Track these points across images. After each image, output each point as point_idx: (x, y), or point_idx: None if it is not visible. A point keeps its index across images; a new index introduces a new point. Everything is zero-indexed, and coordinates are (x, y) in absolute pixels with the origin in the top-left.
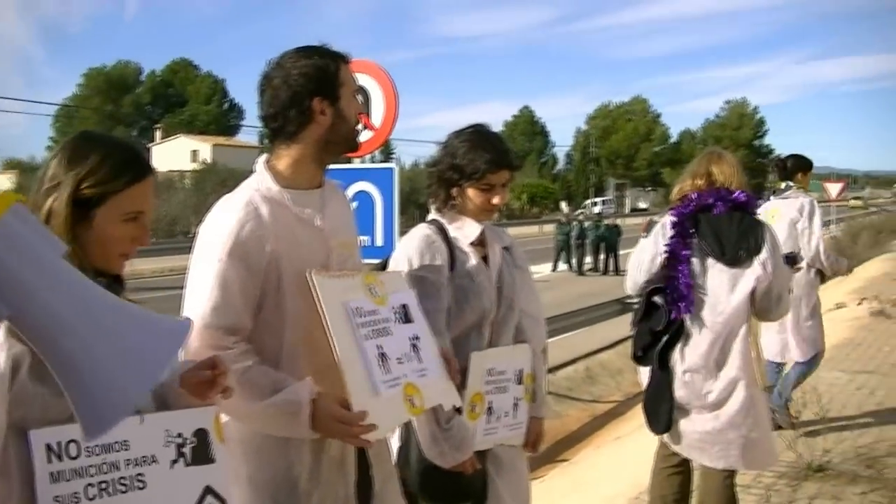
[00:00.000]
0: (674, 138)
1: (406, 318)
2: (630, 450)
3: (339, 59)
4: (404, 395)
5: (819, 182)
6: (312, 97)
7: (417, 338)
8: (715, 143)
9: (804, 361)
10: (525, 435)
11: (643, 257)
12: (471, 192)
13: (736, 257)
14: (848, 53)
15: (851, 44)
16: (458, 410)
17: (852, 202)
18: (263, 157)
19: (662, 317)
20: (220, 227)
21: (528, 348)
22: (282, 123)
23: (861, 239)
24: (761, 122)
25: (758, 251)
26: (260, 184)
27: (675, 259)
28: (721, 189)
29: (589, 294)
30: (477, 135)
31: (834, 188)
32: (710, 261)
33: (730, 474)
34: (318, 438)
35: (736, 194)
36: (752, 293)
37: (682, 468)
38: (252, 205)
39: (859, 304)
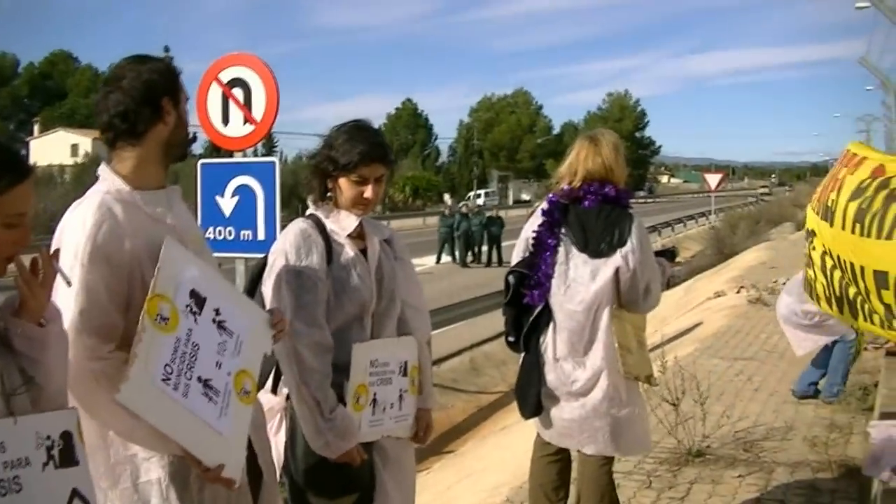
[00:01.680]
0: (556, 130)
1: (199, 301)
2: (515, 439)
3: (176, 67)
4: (238, 395)
5: (699, 173)
6: (163, 96)
7: (218, 310)
8: None
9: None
10: (413, 426)
11: (521, 238)
12: (344, 183)
13: (598, 250)
14: (726, 47)
15: (729, 38)
16: (343, 402)
17: (761, 189)
18: (103, 164)
19: (509, 295)
20: (77, 231)
21: (412, 340)
22: (132, 122)
23: (739, 229)
24: (642, 115)
25: (622, 244)
26: (110, 187)
27: (540, 246)
28: (594, 183)
29: (473, 286)
30: (355, 128)
31: (713, 179)
32: (574, 251)
33: (607, 461)
34: None
35: (608, 189)
36: (617, 285)
37: (561, 456)
38: (105, 206)
39: (738, 292)
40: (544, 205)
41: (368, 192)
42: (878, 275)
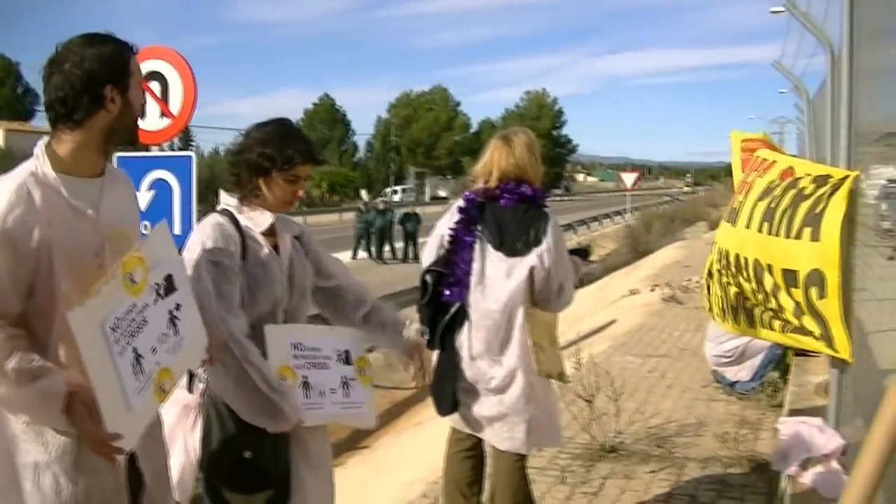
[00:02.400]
0: (474, 128)
1: (169, 288)
2: (430, 435)
3: (129, 49)
4: (155, 388)
5: (615, 172)
6: (105, 84)
7: (179, 307)
8: None
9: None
10: (410, 360)
11: (435, 234)
12: (279, 182)
13: (514, 248)
14: (643, 48)
15: (647, 39)
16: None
17: (686, 188)
18: (44, 139)
19: (427, 295)
20: None
21: (352, 332)
22: (70, 108)
23: (654, 227)
24: (560, 113)
25: (537, 243)
26: (37, 168)
27: (457, 244)
28: (510, 182)
29: (389, 282)
30: (286, 127)
31: (629, 178)
32: (490, 249)
33: (520, 457)
34: None
35: (524, 188)
36: (532, 283)
37: (475, 451)
38: (24, 189)
39: (652, 290)
40: (461, 202)
41: (300, 190)
42: (787, 273)
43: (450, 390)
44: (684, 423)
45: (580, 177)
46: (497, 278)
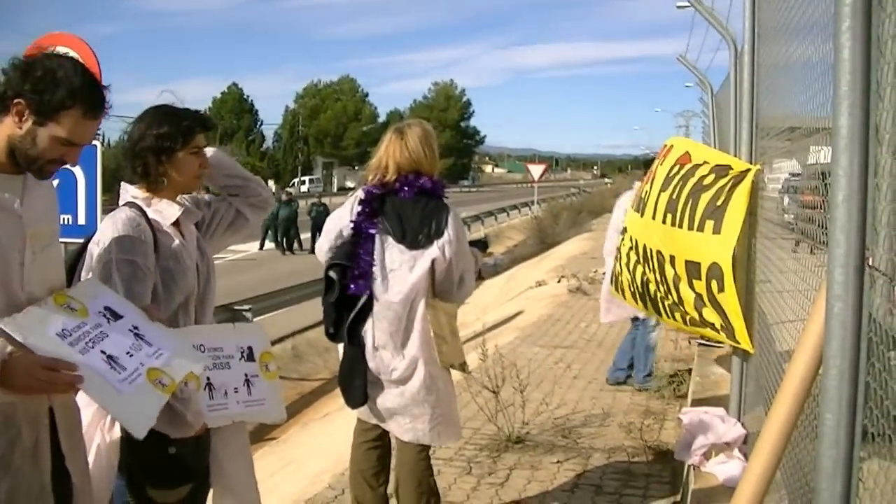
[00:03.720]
0: (382, 118)
1: (115, 316)
2: (337, 426)
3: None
4: (150, 381)
5: (522, 163)
6: (17, 97)
7: (136, 327)
8: None
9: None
10: (282, 413)
11: (331, 226)
12: (183, 157)
13: (416, 241)
14: (552, 41)
15: (556, 32)
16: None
17: (607, 181)
18: None
19: (335, 292)
20: None
21: (256, 327)
22: None
23: (561, 219)
24: (468, 104)
25: (439, 235)
26: None
27: (359, 236)
28: (409, 175)
29: (295, 272)
30: (167, 106)
31: (536, 170)
32: (392, 242)
33: (424, 448)
34: (10, 430)
35: (423, 181)
36: (433, 275)
37: (381, 442)
38: None
39: (559, 281)
40: (361, 195)
41: (204, 161)
42: (690, 265)
43: (359, 383)
44: (590, 413)
45: (488, 168)
46: (399, 270)
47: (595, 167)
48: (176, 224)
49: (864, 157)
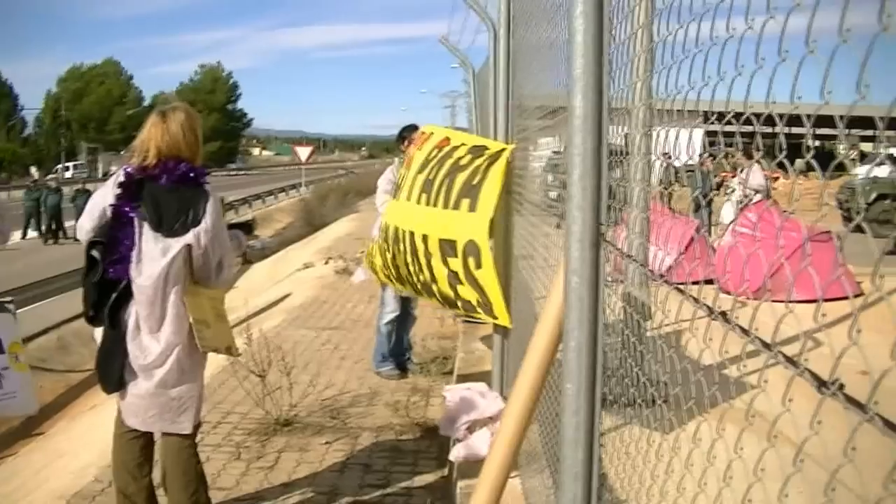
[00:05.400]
0: (148, 101)
1: None
2: (106, 418)
3: None
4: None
5: (290, 146)
6: None
7: None
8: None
9: None
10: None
11: (93, 205)
12: None
13: (172, 229)
14: (321, 22)
15: (325, 13)
16: None
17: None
18: None
19: (98, 272)
20: None
21: (7, 318)
22: None
23: (329, 201)
24: (235, 87)
25: (196, 223)
26: None
27: (119, 219)
28: (169, 160)
29: (61, 261)
30: None
31: (304, 152)
32: (148, 228)
33: (188, 436)
34: None
35: (182, 167)
36: (191, 261)
37: (141, 432)
38: None
39: (326, 263)
40: (121, 177)
41: None
42: (444, 243)
43: (117, 367)
44: (358, 393)
45: (256, 151)
46: (153, 256)
47: (363, 148)
48: None
49: (597, 137)
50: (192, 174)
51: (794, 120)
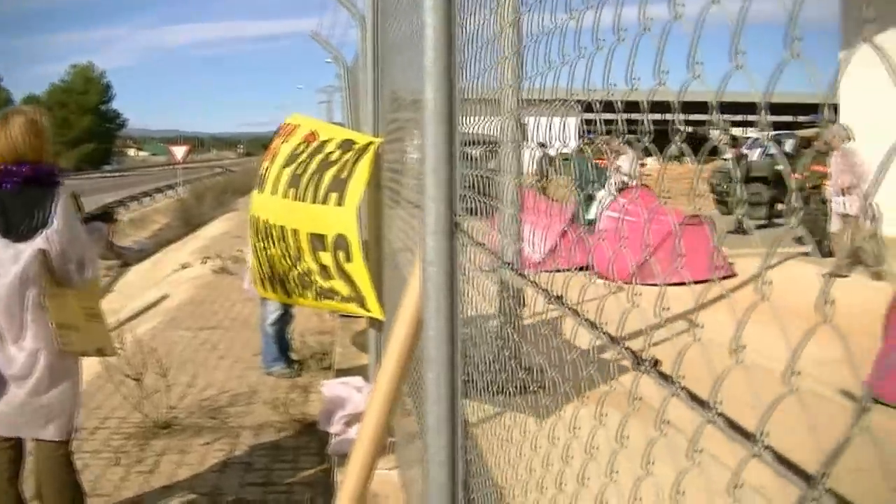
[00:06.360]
0: (17, 104)
1: None
2: None
3: None
4: None
5: (166, 146)
6: None
7: None
8: (60, 109)
9: None
10: None
11: None
12: None
13: (20, 233)
14: (196, 19)
15: (199, 10)
16: None
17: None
18: None
19: None
20: None
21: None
22: None
23: (206, 200)
24: (108, 87)
25: (45, 225)
26: None
27: None
28: (10, 165)
29: None
30: None
31: (179, 151)
32: None
33: (61, 444)
34: None
35: (24, 169)
36: (50, 265)
37: (10, 443)
38: None
39: (203, 262)
40: None
41: None
42: (314, 238)
43: None
44: (237, 392)
45: (131, 152)
46: (5, 263)
47: (240, 145)
48: None
49: (448, 128)
50: (35, 174)
51: (660, 106)
